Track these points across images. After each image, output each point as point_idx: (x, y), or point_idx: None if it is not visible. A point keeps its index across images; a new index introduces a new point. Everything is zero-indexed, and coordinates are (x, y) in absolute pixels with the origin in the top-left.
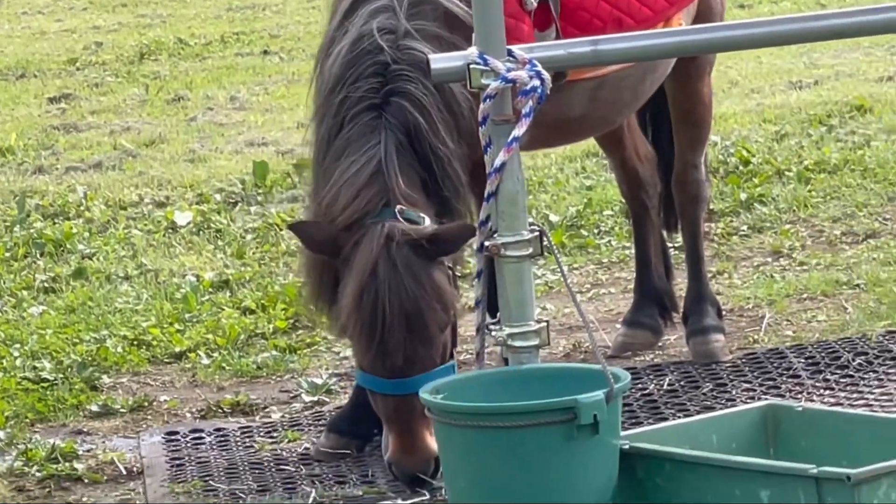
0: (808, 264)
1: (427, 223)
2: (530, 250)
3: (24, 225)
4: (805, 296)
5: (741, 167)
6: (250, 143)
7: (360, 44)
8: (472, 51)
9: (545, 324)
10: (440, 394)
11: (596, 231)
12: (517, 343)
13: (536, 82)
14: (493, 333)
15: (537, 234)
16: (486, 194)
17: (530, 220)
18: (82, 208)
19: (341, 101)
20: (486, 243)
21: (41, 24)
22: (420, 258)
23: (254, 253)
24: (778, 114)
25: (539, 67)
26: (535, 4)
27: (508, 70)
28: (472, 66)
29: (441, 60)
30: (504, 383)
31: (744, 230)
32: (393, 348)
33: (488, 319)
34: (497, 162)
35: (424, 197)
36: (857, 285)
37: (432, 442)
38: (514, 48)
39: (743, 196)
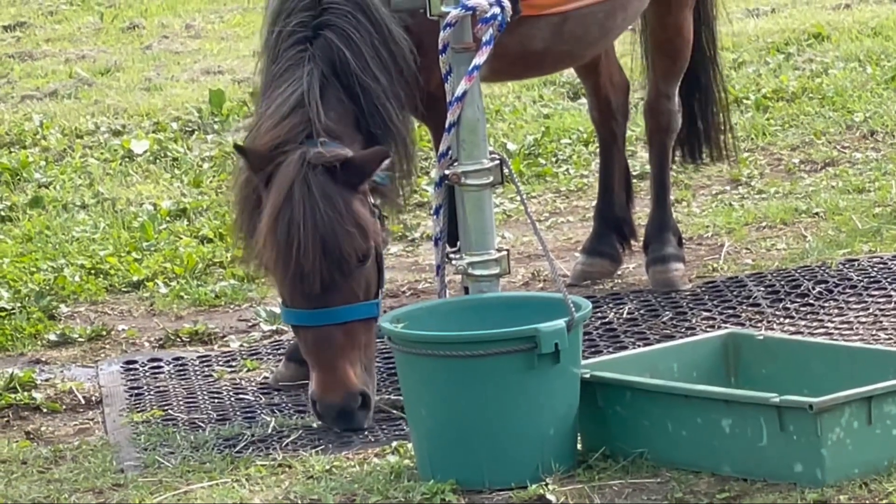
0: (766, 192)
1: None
2: (491, 179)
3: None
4: (764, 224)
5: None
6: (206, 71)
7: None
8: None
9: (505, 252)
10: (400, 323)
11: (554, 159)
12: (477, 272)
13: (496, 10)
14: (454, 262)
15: (498, 162)
16: (447, 124)
17: (490, 148)
18: (38, 137)
19: (276, 35)
20: (447, 172)
21: None
22: (337, 184)
23: (211, 181)
24: (735, 41)
25: None
26: None
27: None
28: None
29: None
30: (465, 312)
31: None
32: (308, 271)
33: (448, 249)
34: (459, 91)
35: (353, 131)
36: (816, 213)
37: (356, 377)
38: None
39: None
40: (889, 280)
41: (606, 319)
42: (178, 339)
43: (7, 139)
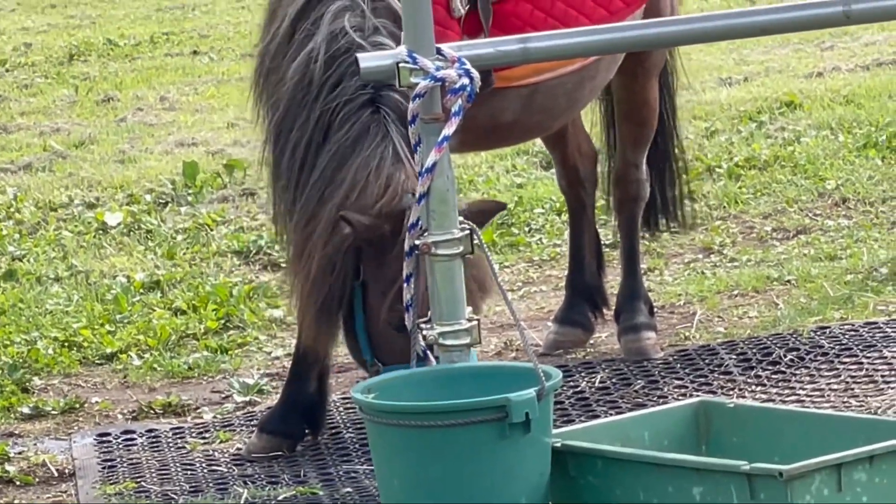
0: (738, 260)
1: None
2: (461, 248)
3: None
4: (736, 292)
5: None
6: (180, 143)
7: (338, 45)
8: (402, 49)
9: (476, 322)
10: (371, 393)
11: (527, 229)
12: (448, 342)
13: (465, 80)
14: (424, 332)
15: (468, 232)
16: (417, 195)
17: (460, 218)
18: (12, 210)
19: (324, 104)
20: (417, 242)
21: None
22: None
23: (184, 253)
24: (708, 110)
25: (468, 66)
26: (464, 11)
27: (437, 69)
28: (401, 64)
29: (370, 59)
30: (436, 382)
31: (674, 226)
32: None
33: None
34: (428, 162)
35: None
36: (788, 281)
37: None
38: (443, 46)
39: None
40: (860, 347)
41: (578, 388)
42: (152, 411)
43: None
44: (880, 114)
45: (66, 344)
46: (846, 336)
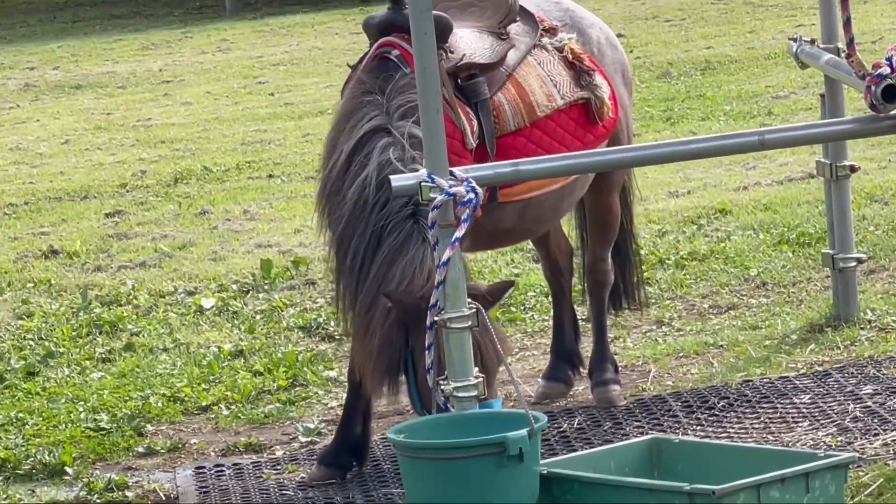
0: (683, 330)
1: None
2: (469, 323)
3: (87, 311)
4: (681, 354)
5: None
6: (259, 245)
7: (383, 171)
8: (423, 172)
9: (482, 379)
10: (402, 433)
11: (522, 308)
12: (460, 394)
13: (472, 195)
14: (442, 387)
15: (474, 310)
16: (435, 283)
17: (469, 299)
18: (131, 297)
19: (376, 218)
20: (436, 319)
21: (100, 158)
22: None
23: (262, 329)
24: (660, 216)
25: (474, 184)
26: (475, 144)
27: (450, 186)
28: (423, 183)
29: (400, 179)
30: (452, 425)
31: (635, 305)
32: None
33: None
34: (444, 258)
35: None
36: (721, 346)
37: None
38: (455, 169)
39: (634, 279)
40: (775, 396)
41: (561, 429)
42: (237, 450)
43: (107, 299)
44: (791, 218)
45: (171, 399)
46: (765, 387)
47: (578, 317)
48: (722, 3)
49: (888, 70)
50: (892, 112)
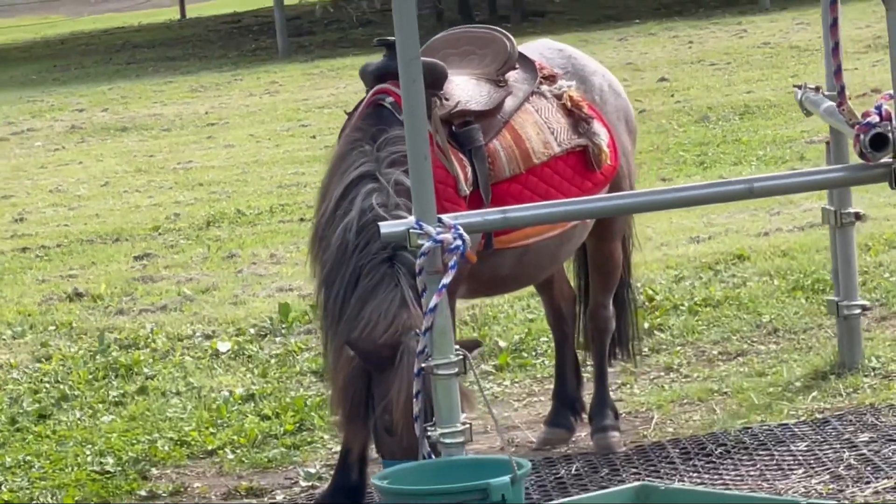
0: (690, 377)
1: None
2: (456, 370)
3: (104, 354)
4: (685, 401)
5: (647, 303)
6: (280, 288)
7: (367, 217)
8: (411, 219)
9: (468, 425)
10: (386, 479)
11: (534, 353)
12: (447, 440)
13: (459, 242)
14: (429, 433)
15: (461, 357)
16: (423, 329)
17: (456, 347)
18: (149, 340)
19: (356, 262)
20: (423, 365)
21: (136, 200)
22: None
23: (274, 373)
24: (678, 262)
25: (461, 231)
26: (469, 191)
27: (438, 233)
28: (411, 230)
29: (389, 227)
30: (438, 471)
31: (645, 352)
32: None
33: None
34: (431, 304)
35: None
36: (725, 392)
37: None
38: (443, 216)
39: (646, 325)
40: (773, 443)
41: (559, 475)
42: (238, 493)
43: (126, 343)
44: (808, 264)
45: (178, 442)
46: (764, 434)
47: (581, 363)
48: (768, 48)
49: (877, 118)
50: (882, 160)
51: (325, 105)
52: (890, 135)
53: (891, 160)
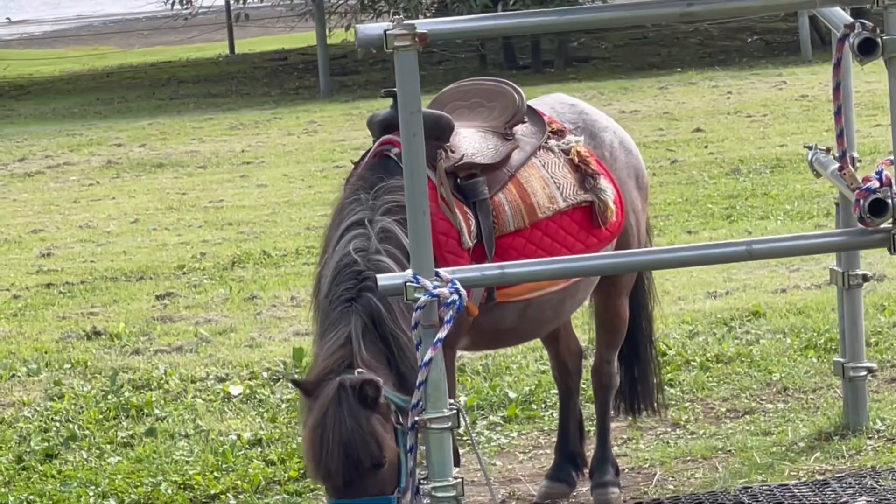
0: (696, 434)
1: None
2: (450, 424)
3: (116, 394)
4: (689, 458)
5: (660, 358)
6: (297, 332)
7: (343, 260)
8: (409, 272)
9: (461, 479)
10: None
11: (543, 405)
12: (439, 494)
13: (455, 296)
14: (422, 487)
15: (455, 411)
16: (417, 383)
17: (450, 401)
18: (162, 381)
19: (329, 302)
20: (417, 419)
21: (164, 238)
22: (363, 406)
23: (284, 417)
24: (694, 317)
25: (458, 285)
26: (472, 244)
27: (435, 287)
28: (408, 283)
29: (386, 279)
30: None
31: (652, 411)
32: (333, 471)
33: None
34: (426, 358)
35: (387, 369)
36: (730, 451)
37: None
38: (440, 270)
39: (655, 381)
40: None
41: None
42: None
43: (139, 383)
44: (822, 322)
45: (182, 486)
46: (762, 495)
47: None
48: (806, 101)
49: (877, 184)
50: (881, 226)
51: (361, 146)
52: (889, 201)
53: (890, 226)
